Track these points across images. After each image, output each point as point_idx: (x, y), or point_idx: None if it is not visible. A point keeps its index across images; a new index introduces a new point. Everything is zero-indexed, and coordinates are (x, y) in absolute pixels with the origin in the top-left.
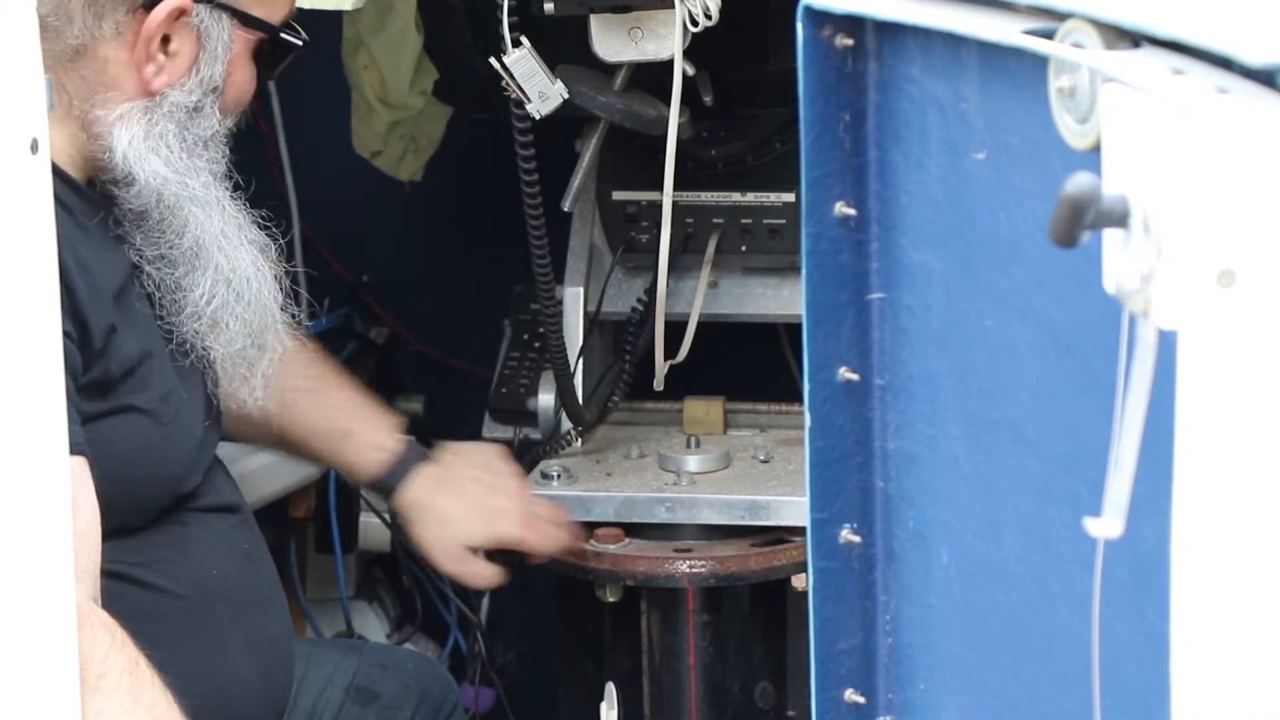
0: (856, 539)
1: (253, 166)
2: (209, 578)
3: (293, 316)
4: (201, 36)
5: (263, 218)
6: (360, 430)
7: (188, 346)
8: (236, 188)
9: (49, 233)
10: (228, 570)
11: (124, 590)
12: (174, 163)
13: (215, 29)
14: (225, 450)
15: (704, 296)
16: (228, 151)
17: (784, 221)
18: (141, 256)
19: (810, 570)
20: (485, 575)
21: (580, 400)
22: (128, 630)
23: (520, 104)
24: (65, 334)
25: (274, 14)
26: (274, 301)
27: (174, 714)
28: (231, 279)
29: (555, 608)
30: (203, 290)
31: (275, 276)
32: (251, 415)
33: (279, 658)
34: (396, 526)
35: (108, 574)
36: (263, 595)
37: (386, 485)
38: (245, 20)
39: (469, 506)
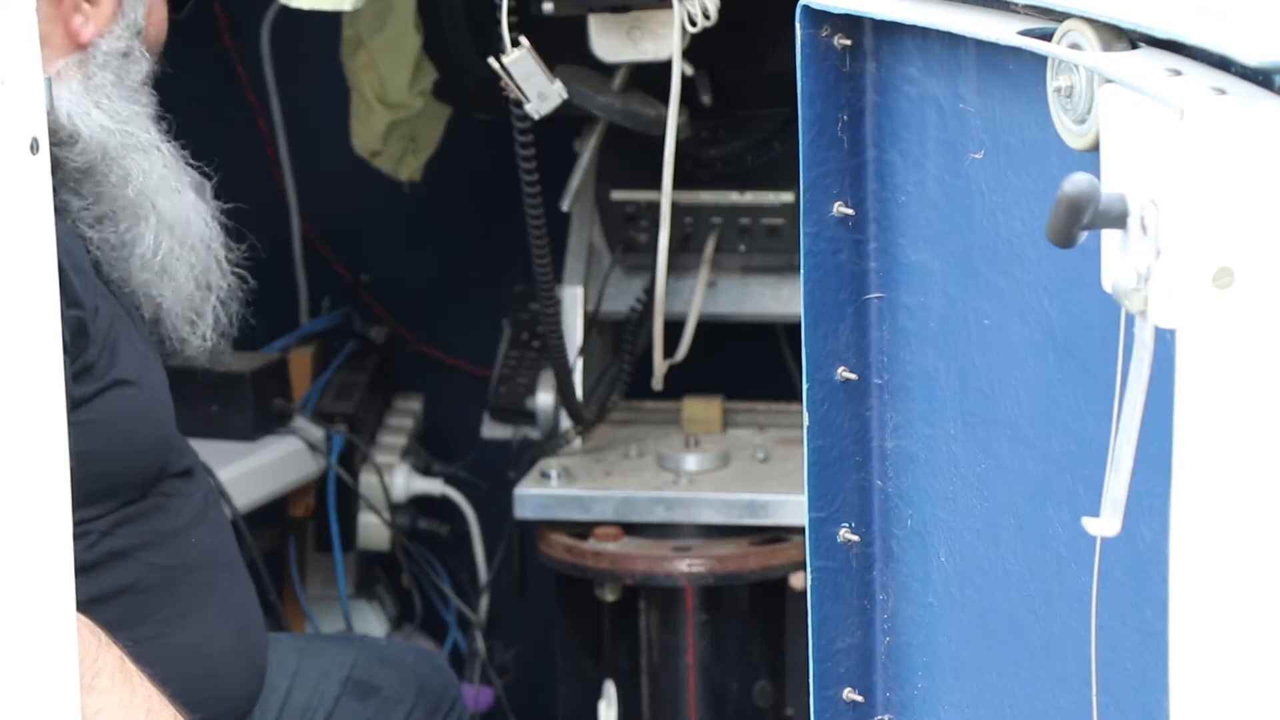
0: (855, 538)
1: (253, 166)
2: (189, 546)
3: (229, 255)
4: None
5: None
6: None
7: (138, 301)
8: (170, 128)
9: (49, 232)
10: (203, 536)
11: (122, 568)
12: (115, 113)
13: None
14: (224, 450)
15: (703, 296)
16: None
17: (782, 221)
18: (81, 221)
19: (808, 569)
20: None
21: (579, 399)
22: (122, 609)
23: (519, 104)
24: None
25: None
26: (215, 240)
27: (165, 704)
28: (174, 224)
29: (554, 607)
30: (148, 242)
31: (212, 214)
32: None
33: (251, 618)
34: (396, 526)
35: (110, 552)
36: (228, 556)
37: None
38: None
39: None
